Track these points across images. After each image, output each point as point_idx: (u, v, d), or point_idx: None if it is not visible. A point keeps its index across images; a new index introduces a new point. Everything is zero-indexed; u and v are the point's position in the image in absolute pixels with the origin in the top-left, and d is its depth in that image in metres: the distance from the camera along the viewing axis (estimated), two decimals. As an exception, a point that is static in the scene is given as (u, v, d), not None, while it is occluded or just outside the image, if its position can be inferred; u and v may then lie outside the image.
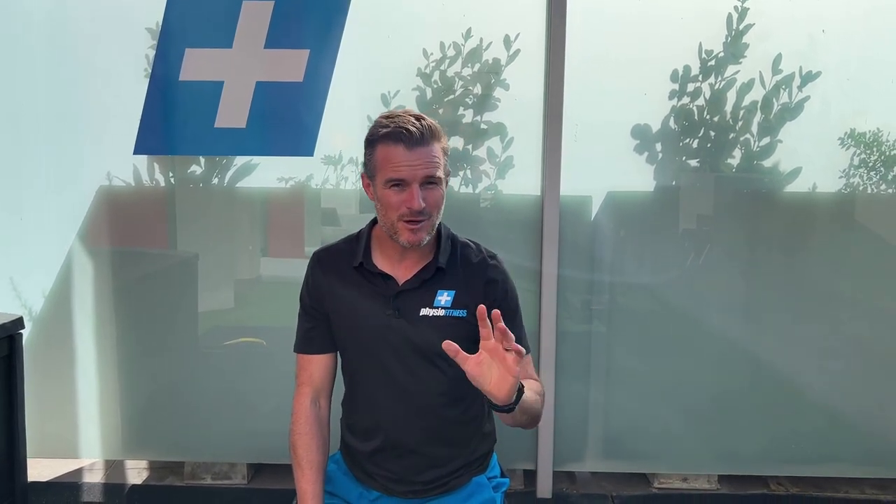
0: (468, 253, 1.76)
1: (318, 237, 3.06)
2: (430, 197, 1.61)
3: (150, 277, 3.09)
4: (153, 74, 2.86)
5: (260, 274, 3.13)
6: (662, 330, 3.01)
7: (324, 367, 1.80)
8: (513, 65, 2.88)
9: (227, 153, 2.94)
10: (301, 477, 1.73)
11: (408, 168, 1.58)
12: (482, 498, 1.81)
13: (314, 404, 1.78)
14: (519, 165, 2.92)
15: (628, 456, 3.10)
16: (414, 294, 1.70)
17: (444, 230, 1.76)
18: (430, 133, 1.61)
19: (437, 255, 1.72)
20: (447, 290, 1.70)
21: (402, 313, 1.69)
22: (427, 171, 1.60)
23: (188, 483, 3.08)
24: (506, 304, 1.71)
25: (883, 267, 2.98)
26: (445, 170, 1.66)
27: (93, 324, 3.02)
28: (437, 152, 1.62)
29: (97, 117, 2.91)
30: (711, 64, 2.86)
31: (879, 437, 3.04)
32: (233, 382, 3.07)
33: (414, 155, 1.58)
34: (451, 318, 1.68)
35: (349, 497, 1.84)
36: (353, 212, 3.06)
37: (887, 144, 2.87)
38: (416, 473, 1.77)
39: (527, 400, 1.53)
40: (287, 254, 3.13)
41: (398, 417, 1.74)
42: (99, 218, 2.98)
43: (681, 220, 2.98)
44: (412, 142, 1.58)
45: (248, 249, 3.13)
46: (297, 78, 2.84)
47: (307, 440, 1.74)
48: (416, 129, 1.59)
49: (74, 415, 3.06)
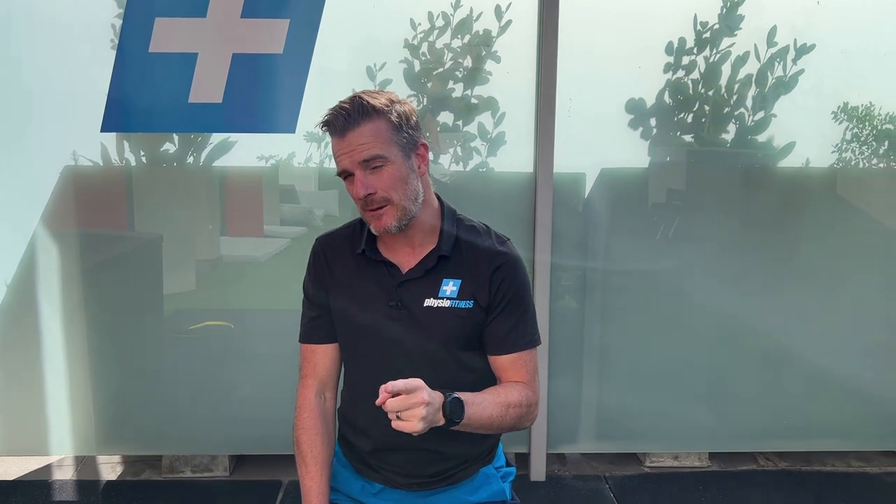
0: (474, 237, 1.64)
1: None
2: (377, 180, 1.49)
3: (119, 261, 2.93)
4: (120, 46, 2.67)
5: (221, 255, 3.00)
6: (654, 309, 2.98)
7: (329, 357, 1.70)
8: (504, 36, 2.77)
9: (202, 130, 2.79)
10: (305, 473, 1.64)
11: (345, 156, 1.48)
12: (491, 490, 1.74)
13: (319, 397, 1.68)
14: (511, 142, 2.83)
15: (620, 436, 3.08)
16: (418, 283, 1.59)
17: (447, 212, 1.64)
18: (362, 111, 1.47)
19: (440, 241, 1.60)
20: (453, 279, 1.58)
21: (406, 304, 1.58)
22: (363, 154, 1.47)
23: (167, 477, 2.96)
24: (513, 293, 1.60)
25: (872, 243, 2.99)
26: (401, 143, 1.50)
27: (59, 312, 2.85)
28: (377, 130, 1.48)
29: (60, 92, 2.72)
30: (706, 36, 2.81)
31: (864, 411, 3.07)
32: (209, 370, 2.96)
33: (346, 141, 1.47)
34: (456, 310, 1.57)
35: (350, 491, 1.75)
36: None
37: (879, 118, 2.86)
38: (420, 467, 1.68)
39: (478, 415, 1.46)
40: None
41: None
42: (64, 200, 2.79)
43: (674, 196, 2.94)
44: (339, 129, 1.47)
45: (209, 229, 2.99)
46: (276, 49, 2.68)
47: (312, 435, 1.65)
48: (340, 114, 1.47)
49: (42, 409, 2.89)
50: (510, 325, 1.58)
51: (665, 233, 2.95)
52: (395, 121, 1.50)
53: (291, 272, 2.75)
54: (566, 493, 2.88)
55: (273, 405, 2.85)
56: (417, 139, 1.55)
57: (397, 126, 1.50)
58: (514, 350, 1.60)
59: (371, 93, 1.52)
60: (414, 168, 1.54)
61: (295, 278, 1.78)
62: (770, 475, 3.04)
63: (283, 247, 3.00)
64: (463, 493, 1.71)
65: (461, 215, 1.68)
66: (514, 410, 1.54)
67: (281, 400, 2.82)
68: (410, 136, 1.53)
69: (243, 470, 3.03)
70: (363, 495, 1.73)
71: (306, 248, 1.70)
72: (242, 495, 2.83)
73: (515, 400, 1.55)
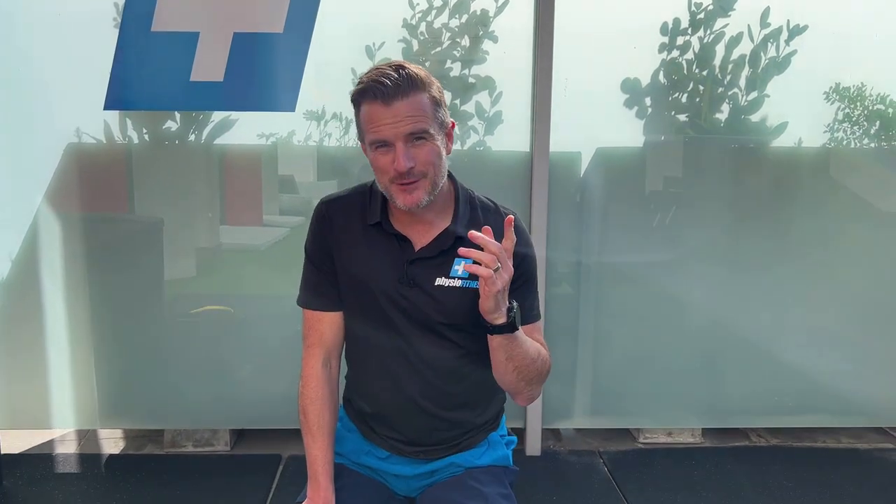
0: (488, 217, 1.61)
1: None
2: (420, 154, 1.45)
3: (121, 242, 2.96)
4: (123, 25, 2.70)
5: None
6: (649, 287, 3.01)
7: (335, 325, 1.66)
8: (501, 16, 2.81)
9: (203, 108, 2.82)
10: (312, 444, 1.62)
11: (388, 126, 1.42)
12: (496, 455, 1.75)
13: (325, 366, 1.65)
14: (508, 121, 2.87)
15: (615, 412, 3.12)
16: (429, 262, 1.57)
17: (461, 191, 1.62)
18: (410, 83, 1.43)
19: (455, 220, 1.58)
20: (465, 259, 1.51)
21: (417, 282, 1.56)
22: (410, 127, 1.43)
23: (168, 451, 3.00)
24: (522, 270, 1.58)
25: (863, 222, 3.03)
26: (439, 120, 1.48)
27: (62, 289, 2.89)
28: (423, 104, 1.44)
29: (64, 70, 2.74)
30: (701, 17, 2.84)
31: (855, 388, 3.12)
32: (210, 347, 2.99)
33: (393, 110, 1.42)
34: (467, 290, 1.55)
35: (357, 456, 1.74)
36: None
37: (870, 99, 2.90)
38: (423, 434, 1.68)
39: (522, 341, 1.50)
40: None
41: (405, 388, 1.64)
42: (68, 178, 2.83)
43: (669, 176, 2.98)
44: (388, 96, 1.41)
45: (208, 217, 3.01)
46: (277, 29, 2.71)
47: (319, 406, 1.62)
48: (391, 81, 1.41)
49: (46, 384, 2.93)
50: (522, 300, 1.57)
51: (659, 213, 2.99)
52: (437, 96, 1.48)
53: (291, 261, 2.80)
54: (561, 467, 2.92)
55: (273, 381, 2.91)
56: (448, 118, 1.53)
57: (438, 102, 1.48)
58: (527, 322, 1.61)
59: (410, 63, 1.48)
60: (444, 146, 1.51)
61: (294, 266, 1.74)
62: (762, 451, 3.08)
63: (282, 235, 3.04)
64: (470, 457, 1.72)
65: (472, 193, 1.66)
66: (541, 363, 1.58)
67: (281, 376, 2.87)
68: (445, 114, 1.51)
69: (244, 444, 3.08)
70: (370, 459, 1.73)
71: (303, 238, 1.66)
72: (243, 469, 2.87)
73: (544, 353, 1.60)
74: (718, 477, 2.84)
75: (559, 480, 2.82)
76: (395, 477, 1.73)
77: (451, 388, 1.64)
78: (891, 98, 2.94)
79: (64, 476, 2.80)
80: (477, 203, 1.63)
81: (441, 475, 1.72)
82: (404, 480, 1.73)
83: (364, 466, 1.74)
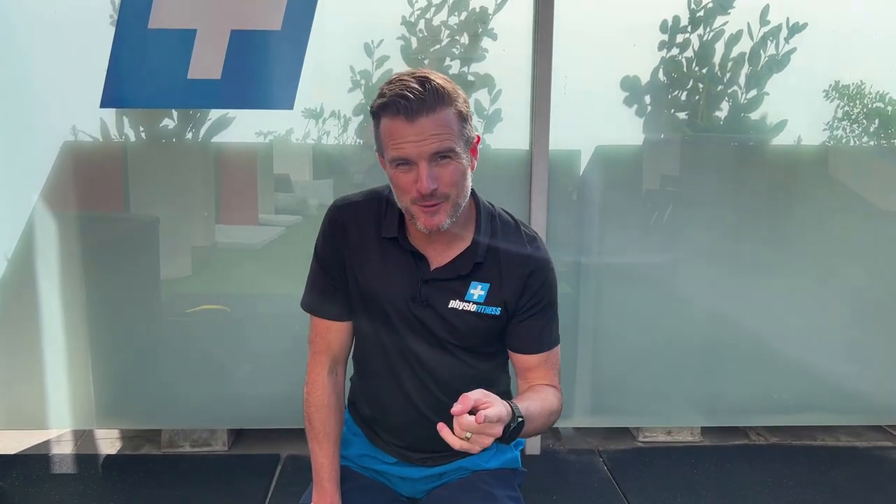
0: (508, 237, 1.54)
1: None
2: (444, 175, 1.36)
3: (117, 241, 2.94)
4: (119, 21, 2.68)
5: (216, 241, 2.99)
6: (648, 286, 3.01)
7: (344, 335, 1.61)
8: (501, 13, 2.79)
9: (201, 106, 2.80)
10: (319, 451, 1.60)
11: (411, 145, 1.33)
12: (504, 458, 1.72)
13: (331, 373, 1.61)
14: (507, 119, 2.86)
15: (614, 411, 3.12)
16: (445, 283, 1.50)
17: (482, 207, 1.54)
18: (436, 97, 1.32)
19: (475, 244, 1.50)
20: (481, 283, 1.50)
21: (431, 303, 1.50)
22: (435, 146, 1.33)
23: (166, 452, 2.98)
24: (546, 296, 1.54)
25: (861, 221, 3.04)
26: (465, 137, 1.39)
27: (58, 288, 2.86)
28: (449, 120, 1.34)
29: (60, 67, 2.71)
30: (700, 15, 2.83)
31: (854, 387, 3.12)
32: (208, 346, 2.97)
33: (417, 128, 1.32)
34: (482, 315, 1.50)
35: (362, 460, 1.72)
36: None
37: (870, 97, 2.90)
38: (431, 442, 1.56)
39: (529, 423, 1.36)
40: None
41: (412, 399, 1.60)
42: (64, 176, 2.80)
43: (668, 174, 2.97)
44: (412, 111, 1.31)
45: (204, 216, 2.99)
46: (275, 26, 2.70)
47: (325, 413, 1.59)
48: (416, 95, 1.31)
49: (42, 383, 2.90)
50: (540, 326, 1.54)
51: (659, 211, 2.98)
52: (464, 110, 1.38)
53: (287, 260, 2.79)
54: (561, 466, 2.92)
55: (271, 380, 2.90)
56: (474, 132, 1.43)
57: (465, 116, 1.39)
58: (545, 349, 1.56)
59: (436, 74, 1.38)
60: (469, 163, 1.43)
61: (291, 265, 1.70)
62: (761, 450, 3.08)
63: (278, 234, 3.02)
64: (478, 460, 1.69)
65: (492, 208, 1.58)
66: (552, 418, 1.50)
67: (279, 375, 2.87)
68: (471, 129, 1.41)
69: (242, 444, 3.06)
70: (376, 463, 1.70)
71: (299, 237, 1.61)
72: (241, 469, 2.85)
73: (556, 408, 1.51)
74: (718, 475, 2.84)
75: (559, 479, 2.82)
76: (402, 480, 1.71)
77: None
78: (890, 96, 2.94)
79: (60, 477, 2.78)
80: (497, 221, 1.56)
81: (449, 478, 1.70)
82: (410, 483, 1.71)
83: (369, 469, 1.72)
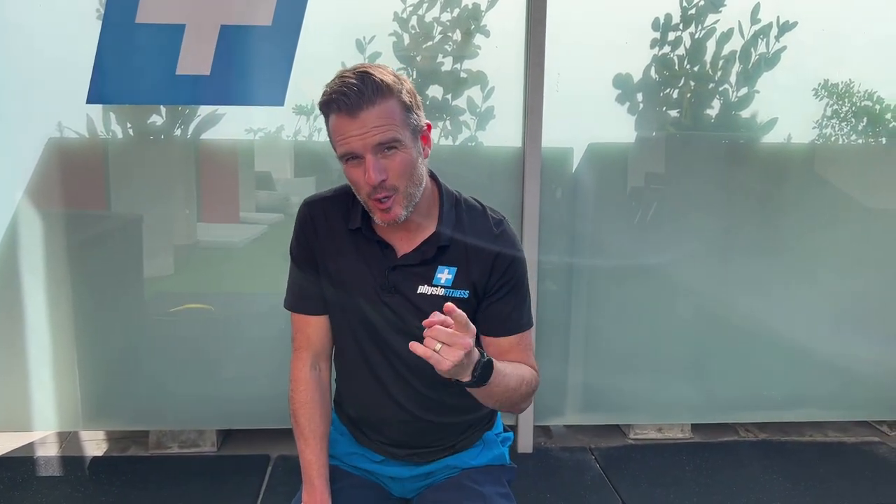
0: (473, 221, 1.55)
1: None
2: (392, 165, 1.38)
3: (100, 239, 2.89)
4: (106, 15, 2.63)
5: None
6: (639, 284, 3.01)
7: (322, 329, 1.62)
8: (493, 10, 2.79)
9: (189, 102, 2.76)
10: (305, 448, 1.60)
11: (355, 138, 1.35)
12: (491, 454, 1.73)
13: (314, 369, 1.62)
14: (500, 116, 2.85)
15: (605, 409, 3.12)
16: (412, 269, 1.52)
17: (446, 194, 1.55)
18: (375, 90, 1.34)
19: (439, 229, 1.52)
20: (448, 267, 1.51)
21: (399, 289, 1.52)
22: (378, 138, 1.35)
23: (153, 453, 2.94)
24: (515, 278, 1.54)
25: (849, 218, 3.06)
26: (412, 126, 1.41)
27: (43, 287, 2.81)
28: (391, 111, 1.37)
29: (45, 62, 2.66)
30: (692, 13, 2.84)
31: (841, 383, 3.15)
32: (195, 346, 2.94)
33: (359, 122, 1.34)
34: (451, 299, 1.48)
35: (351, 459, 1.71)
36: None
37: (858, 95, 2.93)
38: (415, 437, 1.65)
39: (499, 381, 1.38)
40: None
41: (392, 394, 1.60)
42: (49, 173, 2.75)
43: (658, 172, 2.98)
44: (352, 107, 1.34)
45: (186, 213, 2.95)
46: (265, 21, 2.66)
47: (310, 410, 1.60)
48: (354, 91, 1.33)
49: (26, 384, 2.86)
50: (511, 308, 1.54)
51: (649, 209, 2.99)
52: (407, 100, 1.40)
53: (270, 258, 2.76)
54: (553, 464, 2.92)
55: (259, 379, 2.87)
56: (423, 120, 1.45)
57: (409, 106, 1.40)
58: (517, 331, 1.56)
59: (376, 67, 1.40)
60: (420, 151, 1.44)
61: (273, 263, 1.68)
62: (750, 446, 3.10)
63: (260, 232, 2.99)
64: (466, 458, 1.69)
65: (458, 195, 1.59)
66: (525, 388, 1.50)
67: (267, 374, 2.84)
68: (418, 118, 1.43)
69: (231, 445, 3.02)
70: (364, 462, 1.70)
71: (281, 235, 1.61)
72: (231, 471, 2.81)
73: (528, 377, 1.51)
74: (708, 471, 2.86)
75: (551, 477, 2.82)
76: (391, 479, 1.71)
77: (438, 395, 1.60)
78: (878, 95, 2.97)
79: (46, 479, 2.73)
80: (463, 206, 1.57)
81: (437, 477, 1.70)
82: (400, 482, 1.71)
83: (359, 469, 1.71)
